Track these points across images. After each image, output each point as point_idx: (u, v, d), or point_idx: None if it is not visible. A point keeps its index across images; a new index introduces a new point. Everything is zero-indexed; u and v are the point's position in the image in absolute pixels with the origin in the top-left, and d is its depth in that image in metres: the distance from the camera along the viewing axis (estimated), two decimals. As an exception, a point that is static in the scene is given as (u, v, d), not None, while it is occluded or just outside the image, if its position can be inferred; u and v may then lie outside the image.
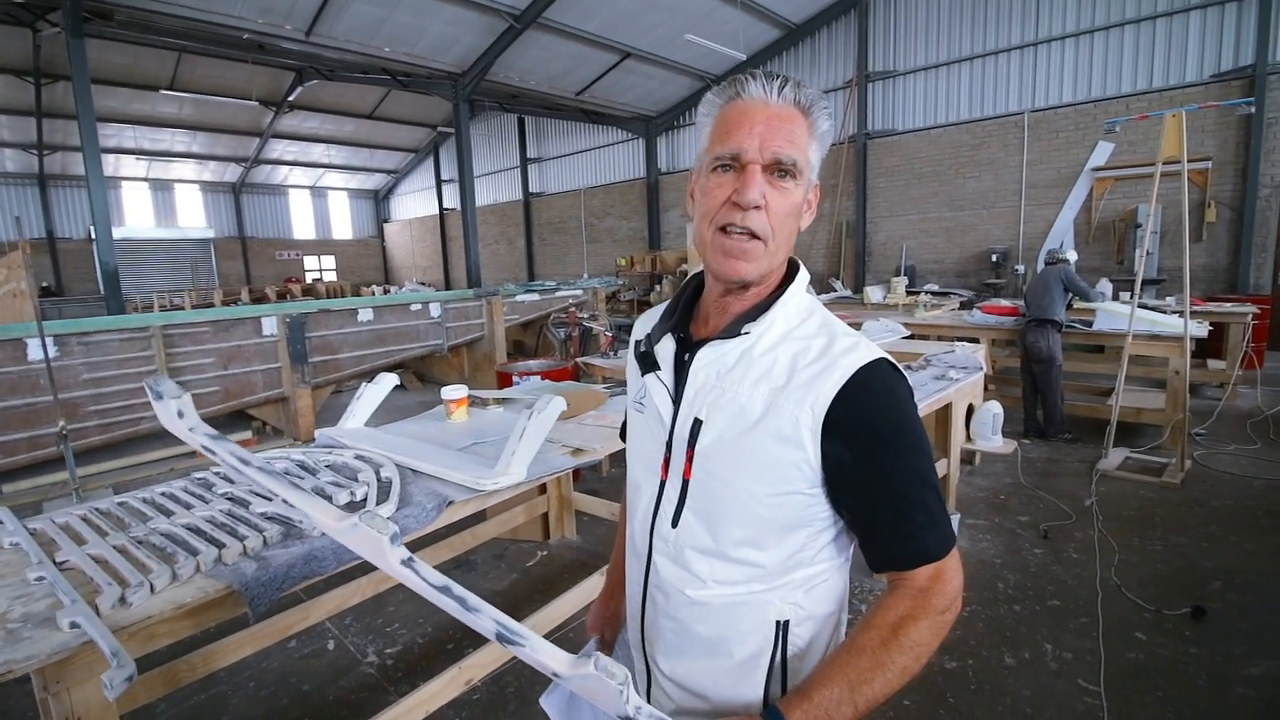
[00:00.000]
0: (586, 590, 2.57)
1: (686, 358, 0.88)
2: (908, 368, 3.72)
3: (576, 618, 2.61)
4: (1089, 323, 5.14)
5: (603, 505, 3.52)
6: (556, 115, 15.21)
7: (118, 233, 16.01)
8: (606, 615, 1.20)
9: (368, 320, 6.22)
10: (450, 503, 1.75)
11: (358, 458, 2.01)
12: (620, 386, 3.27)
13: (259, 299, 16.41)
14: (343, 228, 23.77)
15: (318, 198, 22.90)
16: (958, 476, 3.83)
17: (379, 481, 1.84)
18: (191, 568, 1.39)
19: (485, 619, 0.66)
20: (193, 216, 20.30)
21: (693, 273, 0.98)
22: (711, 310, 0.90)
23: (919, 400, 3.09)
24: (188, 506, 1.71)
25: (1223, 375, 5.93)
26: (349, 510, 0.74)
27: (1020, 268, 10.04)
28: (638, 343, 0.98)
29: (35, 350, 4.19)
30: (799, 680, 0.83)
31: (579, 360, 5.00)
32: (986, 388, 4.92)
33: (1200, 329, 4.80)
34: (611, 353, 5.14)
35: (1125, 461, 4.39)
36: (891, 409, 0.79)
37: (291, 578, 1.41)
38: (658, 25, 11.31)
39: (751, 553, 0.82)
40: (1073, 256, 5.30)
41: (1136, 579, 2.96)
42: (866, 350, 0.80)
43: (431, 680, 2.06)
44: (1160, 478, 4.11)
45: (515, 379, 4.20)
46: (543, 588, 3.13)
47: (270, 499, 1.71)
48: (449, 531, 2.80)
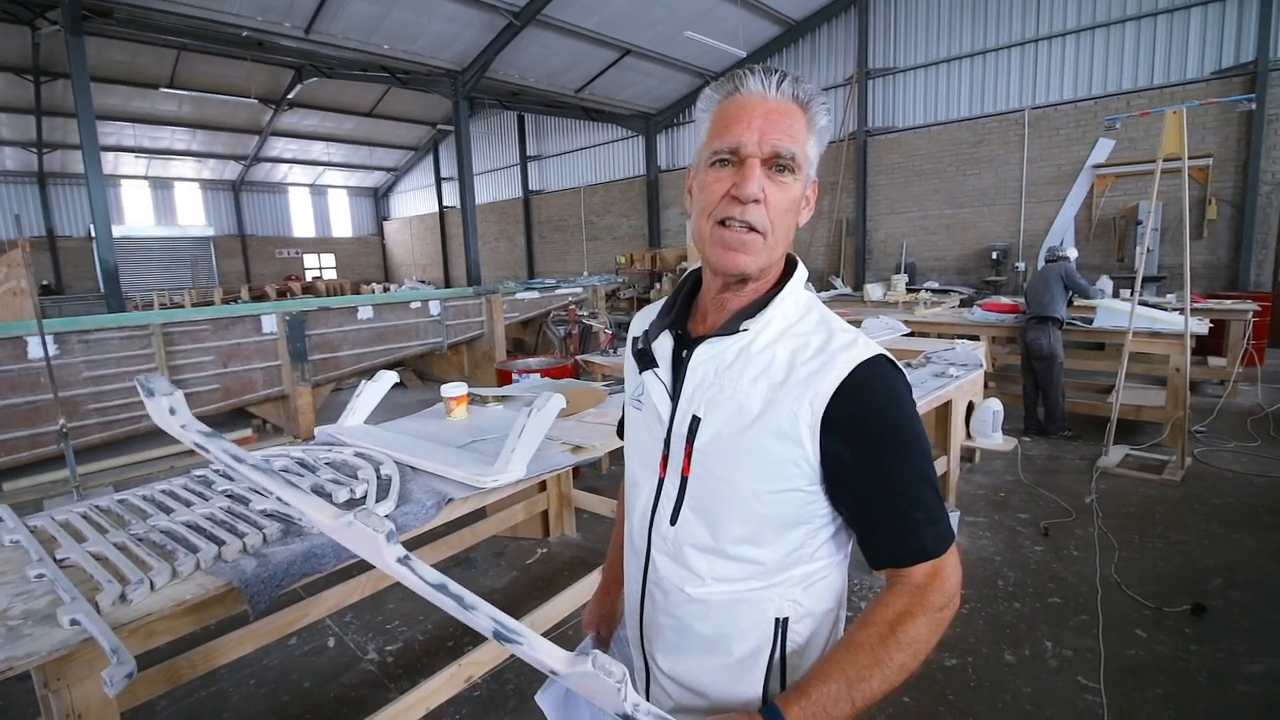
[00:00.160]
0: (586, 587, 2.58)
1: (684, 355, 0.87)
2: (908, 365, 3.72)
3: (576, 615, 2.61)
4: (1089, 320, 5.13)
5: (602, 502, 3.53)
6: (556, 113, 15.19)
7: (117, 231, 16.08)
8: (603, 612, 1.20)
9: (367, 318, 6.22)
10: (450, 500, 1.75)
11: (357, 455, 2.00)
12: (620, 384, 3.27)
13: (259, 297, 16.41)
14: (342, 226, 23.76)
15: (317, 196, 22.89)
16: (958, 474, 3.82)
17: (379, 479, 1.84)
18: (191, 565, 1.39)
19: (482, 617, 0.66)
20: (192, 214, 20.31)
21: (690, 269, 0.97)
22: (709, 307, 0.90)
23: (919, 398, 3.10)
24: (188, 504, 1.71)
25: (1223, 372, 5.92)
26: (348, 508, 0.74)
27: (1020, 265, 10.03)
28: (635, 340, 0.97)
29: (35, 348, 4.19)
30: (798, 677, 0.83)
31: (579, 358, 5.00)
32: (987, 385, 4.93)
33: (1201, 326, 4.79)
34: (611, 350, 5.14)
35: (1126, 459, 4.39)
36: (890, 406, 0.79)
37: (291, 575, 1.42)
38: (657, 22, 11.29)
39: (750, 550, 0.82)
40: (1073, 254, 5.29)
41: (1137, 576, 2.96)
42: (865, 346, 0.80)
43: (432, 677, 2.06)
44: (1160, 475, 4.10)
45: (515, 376, 4.20)
46: (542, 585, 3.13)
47: (269, 496, 1.70)
48: (449, 529, 2.80)
